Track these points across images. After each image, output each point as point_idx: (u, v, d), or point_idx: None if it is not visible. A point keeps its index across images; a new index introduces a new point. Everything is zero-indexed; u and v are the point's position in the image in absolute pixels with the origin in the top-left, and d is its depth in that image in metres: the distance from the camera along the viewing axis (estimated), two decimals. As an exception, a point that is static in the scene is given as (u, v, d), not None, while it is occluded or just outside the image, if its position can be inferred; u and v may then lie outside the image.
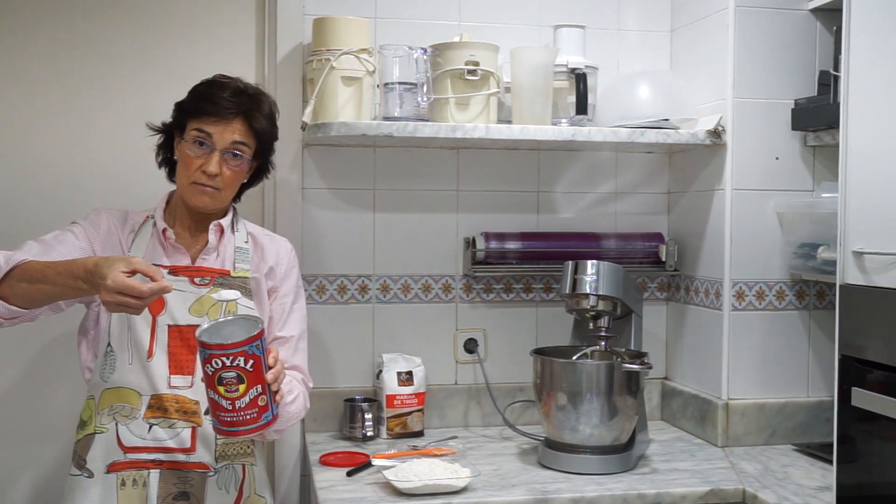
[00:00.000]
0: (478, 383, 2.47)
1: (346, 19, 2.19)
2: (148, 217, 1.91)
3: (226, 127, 1.83)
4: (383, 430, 2.31)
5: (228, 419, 1.59)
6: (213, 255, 1.90)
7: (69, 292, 1.68)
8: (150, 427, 1.78)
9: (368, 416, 2.29)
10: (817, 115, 2.16)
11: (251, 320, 1.65)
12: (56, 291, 1.68)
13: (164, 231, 1.87)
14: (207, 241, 1.90)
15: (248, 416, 1.59)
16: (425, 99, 2.20)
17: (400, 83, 2.19)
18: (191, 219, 1.91)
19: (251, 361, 1.57)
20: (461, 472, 1.90)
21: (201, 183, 1.83)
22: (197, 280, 1.85)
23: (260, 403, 1.60)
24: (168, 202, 1.94)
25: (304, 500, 2.36)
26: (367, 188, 2.43)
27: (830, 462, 1.74)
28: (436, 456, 2.03)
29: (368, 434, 2.29)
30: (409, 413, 2.32)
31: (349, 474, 2.00)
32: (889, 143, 1.55)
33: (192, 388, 1.80)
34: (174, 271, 1.84)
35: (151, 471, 1.78)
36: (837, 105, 1.69)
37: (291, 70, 2.35)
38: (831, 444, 1.70)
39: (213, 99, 1.83)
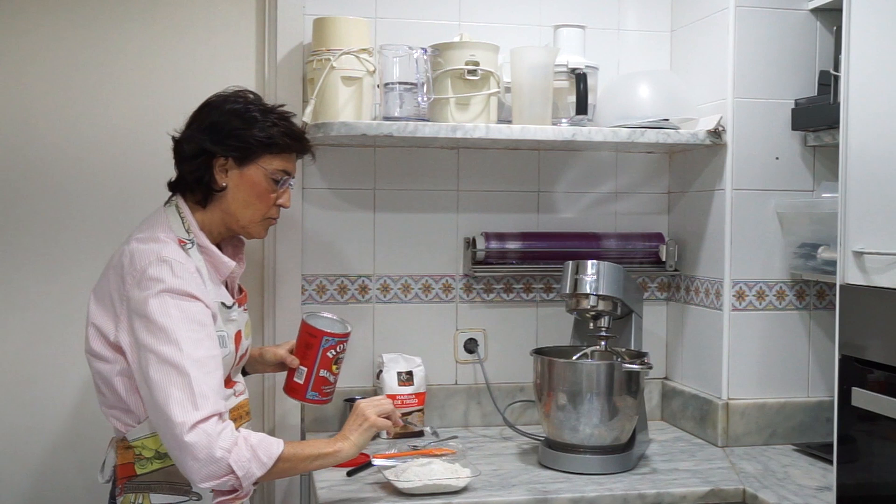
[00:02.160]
0: (478, 383, 2.47)
1: (346, 19, 2.19)
2: (182, 242, 1.76)
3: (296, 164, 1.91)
4: (383, 430, 2.31)
5: (329, 390, 2.01)
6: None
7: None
8: None
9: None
10: (817, 115, 2.16)
11: (330, 316, 2.06)
12: (302, 469, 1.76)
13: (231, 272, 1.84)
14: (237, 264, 1.88)
15: (335, 388, 2.03)
16: (425, 99, 2.20)
17: (400, 83, 2.19)
18: (217, 242, 1.85)
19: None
20: (461, 472, 1.90)
21: (275, 217, 1.87)
22: (245, 305, 1.95)
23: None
24: (190, 224, 1.79)
25: (304, 500, 2.36)
26: (367, 188, 2.43)
27: (830, 462, 1.74)
28: (436, 456, 2.03)
29: (368, 433, 2.29)
30: (410, 413, 2.32)
31: (349, 474, 2.00)
32: (889, 143, 1.55)
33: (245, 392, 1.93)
34: (240, 303, 1.89)
35: None
36: (837, 105, 1.69)
37: (291, 70, 2.35)
38: (831, 444, 1.70)
39: (301, 139, 1.86)
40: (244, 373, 2.03)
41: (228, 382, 1.84)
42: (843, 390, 1.64)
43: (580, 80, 2.27)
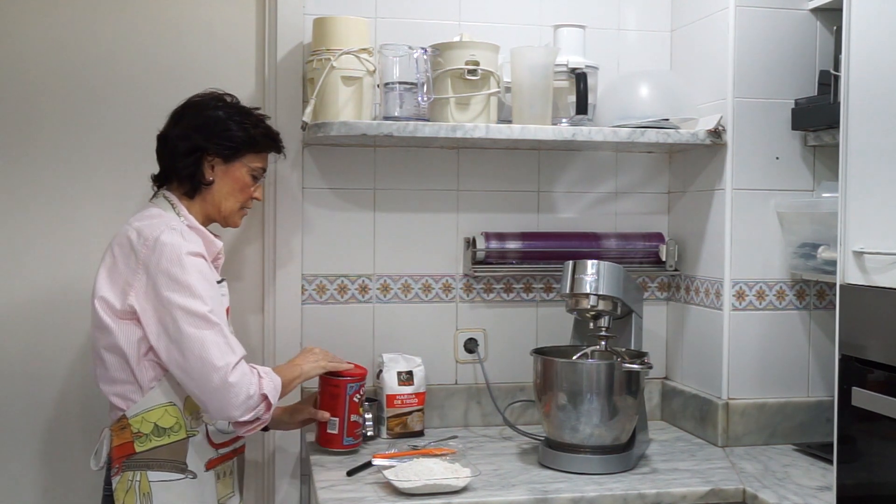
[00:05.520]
0: (478, 383, 2.47)
1: (346, 19, 2.19)
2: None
3: None
4: (383, 429, 2.31)
5: (360, 432, 2.16)
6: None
7: None
8: (230, 422, 1.88)
9: (368, 415, 2.28)
10: (817, 115, 2.16)
11: None
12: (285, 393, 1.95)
13: (218, 253, 2.01)
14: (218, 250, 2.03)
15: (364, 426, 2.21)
16: (425, 99, 2.20)
17: (400, 83, 2.19)
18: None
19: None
20: (461, 471, 1.90)
21: (249, 208, 2.06)
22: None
23: None
24: (180, 209, 1.95)
25: (304, 500, 2.36)
26: (367, 188, 2.43)
27: (830, 462, 1.74)
28: (436, 456, 2.03)
29: (368, 434, 2.28)
30: (409, 413, 2.32)
31: (349, 474, 2.00)
32: (889, 143, 1.55)
33: None
34: (221, 282, 2.00)
35: (234, 459, 2.00)
36: (837, 105, 1.70)
37: (291, 70, 2.35)
38: (831, 444, 1.70)
39: (277, 140, 2.07)
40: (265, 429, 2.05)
41: None
42: (843, 390, 1.64)
43: (580, 79, 2.27)
